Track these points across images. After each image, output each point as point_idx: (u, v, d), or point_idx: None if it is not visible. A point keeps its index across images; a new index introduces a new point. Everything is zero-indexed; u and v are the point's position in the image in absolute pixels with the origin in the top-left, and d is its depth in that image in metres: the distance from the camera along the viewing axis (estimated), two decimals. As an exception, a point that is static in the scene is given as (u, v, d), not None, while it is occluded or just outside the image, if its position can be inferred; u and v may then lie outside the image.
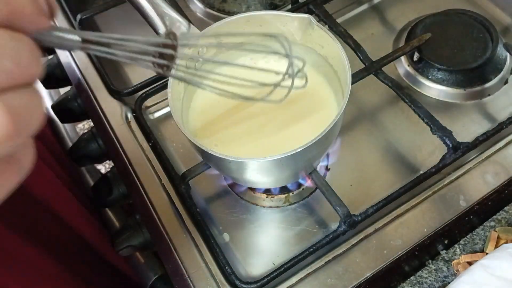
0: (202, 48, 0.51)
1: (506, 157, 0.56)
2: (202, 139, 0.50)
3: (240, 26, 0.52)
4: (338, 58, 0.48)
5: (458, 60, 0.63)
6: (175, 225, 0.54)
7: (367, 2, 0.75)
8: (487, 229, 0.52)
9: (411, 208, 0.54)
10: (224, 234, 0.55)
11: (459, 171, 0.56)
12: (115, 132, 0.62)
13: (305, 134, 0.45)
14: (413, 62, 0.65)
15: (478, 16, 0.66)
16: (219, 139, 0.50)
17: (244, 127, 0.51)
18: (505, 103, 0.62)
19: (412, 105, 0.56)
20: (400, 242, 0.51)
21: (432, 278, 0.50)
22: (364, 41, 0.63)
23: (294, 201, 0.56)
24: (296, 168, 0.48)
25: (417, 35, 0.65)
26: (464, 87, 0.63)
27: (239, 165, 0.45)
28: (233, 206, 0.57)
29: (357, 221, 0.49)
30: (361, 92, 0.63)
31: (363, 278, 0.50)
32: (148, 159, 0.59)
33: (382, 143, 0.60)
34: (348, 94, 0.44)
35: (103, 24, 0.77)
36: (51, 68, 0.73)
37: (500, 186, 0.54)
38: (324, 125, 0.43)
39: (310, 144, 0.42)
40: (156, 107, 0.66)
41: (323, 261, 0.51)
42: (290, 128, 0.50)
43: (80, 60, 0.69)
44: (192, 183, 0.55)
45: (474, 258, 0.49)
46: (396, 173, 0.57)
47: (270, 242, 0.54)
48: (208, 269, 0.51)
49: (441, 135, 0.53)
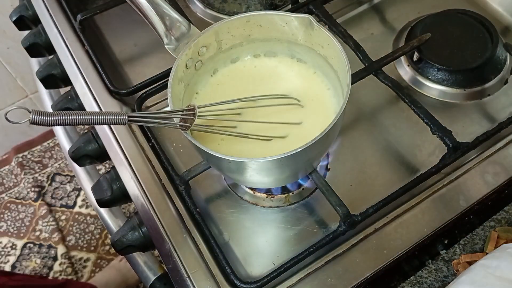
0: (202, 47, 0.51)
1: (506, 157, 0.57)
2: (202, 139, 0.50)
3: (241, 26, 0.52)
4: (338, 58, 0.48)
5: (458, 60, 0.63)
6: (175, 225, 0.54)
7: (367, 2, 0.75)
8: (487, 229, 0.52)
9: (411, 208, 0.54)
10: (224, 234, 0.55)
11: (459, 171, 0.56)
12: (115, 132, 0.62)
13: (305, 134, 0.45)
14: (413, 62, 0.65)
15: (478, 16, 0.66)
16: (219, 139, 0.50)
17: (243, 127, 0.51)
18: (505, 103, 0.62)
19: (412, 105, 0.56)
20: (400, 242, 0.51)
21: (432, 278, 0.50)
22: (364, 41, 0.63)
23: (294, 201, 0.56)
24: (296, 168, 0.48)
25: (417, 35, 0.65)
26: (464, 87, 0.63)
27: (239, 165, 0.45)
28: (233, 206, 0.57)
29: (357, 221, 0.49)
30: (361, 92, 0.63)
31: (363, 278, 0.50)
32: (148, 159, 0.59)
33: (382, 143, 0.60)
34: (348, 94, 0.44)
35: (103, 24, 0.77)
36: (51, 68, 0.73)
37: (500, 186, 0.54)
38: (324, 125, 0.43)
39: (310, 144, 0.42)
40: (156, 107, 0.66)
41: (323, 261, 0.51)
42: (290, 128, 0.50)
43: (80, 60, 0.69)
44: (192, 183, 0.55)
45: (474, 258, 0.49)
46: (396, 173, 0.57)
47: (270, 242, 0.54)
48: (208, 269, 0.51)
49: (441, 135, 0.53)
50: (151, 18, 0.51)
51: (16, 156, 1.66)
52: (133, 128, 0.62)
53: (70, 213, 1.54)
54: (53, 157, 1.67)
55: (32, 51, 0.79)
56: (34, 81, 0.78)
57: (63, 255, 1.46)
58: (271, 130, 0.50)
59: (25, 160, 1.65)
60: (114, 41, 0.74)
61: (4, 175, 1.65)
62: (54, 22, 0.74)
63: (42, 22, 0.76)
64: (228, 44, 0.54)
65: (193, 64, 0.52)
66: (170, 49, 0.51)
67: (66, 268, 1.44)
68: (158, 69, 0.63)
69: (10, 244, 1.50)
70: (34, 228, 1.52)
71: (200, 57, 0.52)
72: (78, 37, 0.71)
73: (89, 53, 0.69)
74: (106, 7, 0.71)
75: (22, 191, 1.60)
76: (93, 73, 0.67)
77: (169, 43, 0.51)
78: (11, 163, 1.66)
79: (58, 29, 0.73)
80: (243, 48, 0.55)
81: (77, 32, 0.71)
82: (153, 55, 0.72)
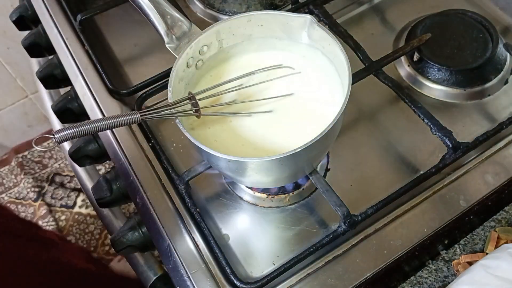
0: (203, 46, 0.51)
1: (506, 157, 0.56)
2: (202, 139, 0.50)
3: (242, 26, 0.52)
4: (339, 58, 0.48)
5: (458, 60, 0.63)
6: (175, 225, 0.54)
7: (367, 2, 0.75)
8: (487, 229, 0.52)
9: (411, 208, 0.54)
10: (224, 234, 0.55)
11: (459, 171, 0.56)
12: (115, 132, 0.62)
13: (305, 134, 0.45)
14: (413, 62, 0.65)
15: (478, 16, 0.66)
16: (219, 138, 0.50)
17: (244, 126, 0.51)
18: (505, 103, 0.62)
19: (412, 105, 0.56)
20: (400, 242, 0.51)
21: (432, 278, 0.50)
22: (364, 41, 0.63)
23: (294, 201, 0.56)
24: (296, 168, 0.48)
25: (417, 35, 0.65)
26: (464, 87, 0.63)
27: (239, 165, 0.45)
28: (233, 206, 0.57)
29: (357, 221, 0.49)
30: (361, 92, 0.63)
31: (363, 278, 0.49)
32: (148, 159, 0.59)
33: (382, 143, 0.60)
34: (348, 94, 0.44)
35: (103, 24, 0.77)
36: (51, 68, 0.73)
37: (500, 186, 0.54)
38: (324, 125, 0.43)
39: (310, 144, 0.42)
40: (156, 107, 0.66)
41: (323, 261, 0.51)
42: (290, 128, 0.50)
43: (80, 60, 0.69)
44: (192, 183, 0.55)
45: (474, 258, 0.49)
46: (396, 173, 0.57)
47: (270, 242, 0.54)
48: (208, 269, 0.51)
49: (441, 135, 0.53)
50: (152, 17, 0.51)
51: (16, 156, 1.65)
52: (133, 128, 0.62)
53: (70, 213, 1.54)
54: (53, 157, 1.67)
55: (32, 51, 0.79)
56: (34, 81, 0.78)
57: (63, 255, 1.46)
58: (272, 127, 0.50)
59: (25, 160, 1.65)
60: (114, 41, 0.74)
61: (4, 175, 1.65)
62: (54, 22, 0.74)
63: (42, 22, 0.76)
64: (229, 43, 0.54)
65: (194, 63, 0.52)
66: (171, 48, 0.51)
67: (66, 268, 1.44)
68: (158, 69, 0.63)
69: (10, 244, 1.50)
70: (34, 228, 1.52)
71: (201, 56, 0.52)
72: (78, 37, 0.71)
73: (89, 53, 0.69)
74: (106, 7, 0.71)
75: (22, 191, 1.60)
76: (93, 73, 0.67)
77: (170, 42, 0.51)
78: (11, 163, 1.66)
79: (58, 29, 0.73)
80: (244, 48, 0.55)
81: (77, 32, 0.71)
82: (153, 55, 0.72)
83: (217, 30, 0.51)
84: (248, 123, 0.51)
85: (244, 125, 0.50)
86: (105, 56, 0.72)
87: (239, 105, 0.51)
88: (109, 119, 0.42)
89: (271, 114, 0.51)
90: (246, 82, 0.52)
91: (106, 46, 0.74)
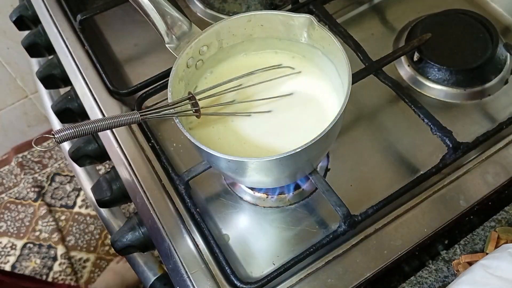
0: (203, 46, 0.51)
1: (506, 157, 0.56)
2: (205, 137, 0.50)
3: (242, 26, 0.52)
4: (339, 58, 0.48)
5: (458, 60, 0.63)
6: (175, 225, 0.54)
7: (367, 2, 0.75)
8: (487, 229, 0.52)
9: (411, 208, 0.54)
10: (224, 234, 0.55)
11: (459, 171, 0.56)
12: (115, 132, 0.62)
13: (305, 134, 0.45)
14: (413, 62, 0.65)
15: (478, 16, 0.66)
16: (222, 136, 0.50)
17: (245, 125, 0.51)
18: (505, 103, 0.62)
19: (412, 105, 0.56)
20: (400, 242, 0.51)
21: (432, 278, 0.50)
22: (364, 41, 0.63)
23: (294, 201, 0.56)
24: (296, 168, 0.48)
25: (417, 35, 0.65)
26: (464, 87, 0.63)
27: (238, 165, 0.45)
28: (233, 206, 0.57)
29: (357, 221, 0.49)
30: (361, 92, 0.63)
31: (363, 278, 0.49)
32: (148, 159, 0.59)
33: (382, 143, 0.60)
34: (348, 94, 0.44)
35: (103, 24, 0.77)
36: (51, 68, 0.73)
37: (500, 186, 0.54)
38: (324, 125, 0.43)
39: (310, 144, 0.42)
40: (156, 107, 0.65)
41: (323, 261, 0.51)
42: (290, 128, 0.50)
43: (80, 60, 0.69)
44: (192, 183, 0.55)
45: (474, 258, 0.49)
46: (396, 173, 0.57)
47: (270, 242, 0.54)
48: (208, 269, 0.51)
49: (441, 135, 0.53)
50: (152, 16, 0.51)
51: (16, 156, 1.66)
52: (133, 128, 0.62)
53: (70, 213, 1.54)
54: (53, 157, 1.67)
55: (32, 51, 0.79)
56: (34, 81, 0.78)
57: (62, 255, 1.46)
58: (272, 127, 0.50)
59: (25, 160, 1.65)
60: (114, 41, 0.74)
61: (4, 175, 1.65)
62: (54, 22, 0.74)
63: (42, 22, 0.76)
64: (229, 43, 0.54)
65: (193, 63, 0.52)
66: (171, 48, 0.51)
67: (65, 269, 1.44)
68: (158, 69, 0.63)
69: (10, 244, 1.50)
70: (34, 228, 1.52)
71: (201, 56, 0.52)
72: (78, 37, 0.71)
73: (89, 53, 0.69)
74: (106, 7, 0.71)
75: (22, 191, 1.60)
76: (93, 73, 0.67)
77: (170, 42, 0.51)
78: (11, 163, 1.66)
79: (58, 29, 0.73)
80: (244, 48, 0.55)
81: (77, 32, 0.71)
82: (153, 55, 0.72)
83: (217, 30, 0.51)
84: (248, 123, 0.51)
85: (245, 125, 0.51)
86: (105, 56, 0.72)
87: (239, 105, 0.51)
88: (109, 119, 0.42)
89: (271, 114, 0.51)
90: (246, 82, 0.52)
91: (106, 46, 0.74)
